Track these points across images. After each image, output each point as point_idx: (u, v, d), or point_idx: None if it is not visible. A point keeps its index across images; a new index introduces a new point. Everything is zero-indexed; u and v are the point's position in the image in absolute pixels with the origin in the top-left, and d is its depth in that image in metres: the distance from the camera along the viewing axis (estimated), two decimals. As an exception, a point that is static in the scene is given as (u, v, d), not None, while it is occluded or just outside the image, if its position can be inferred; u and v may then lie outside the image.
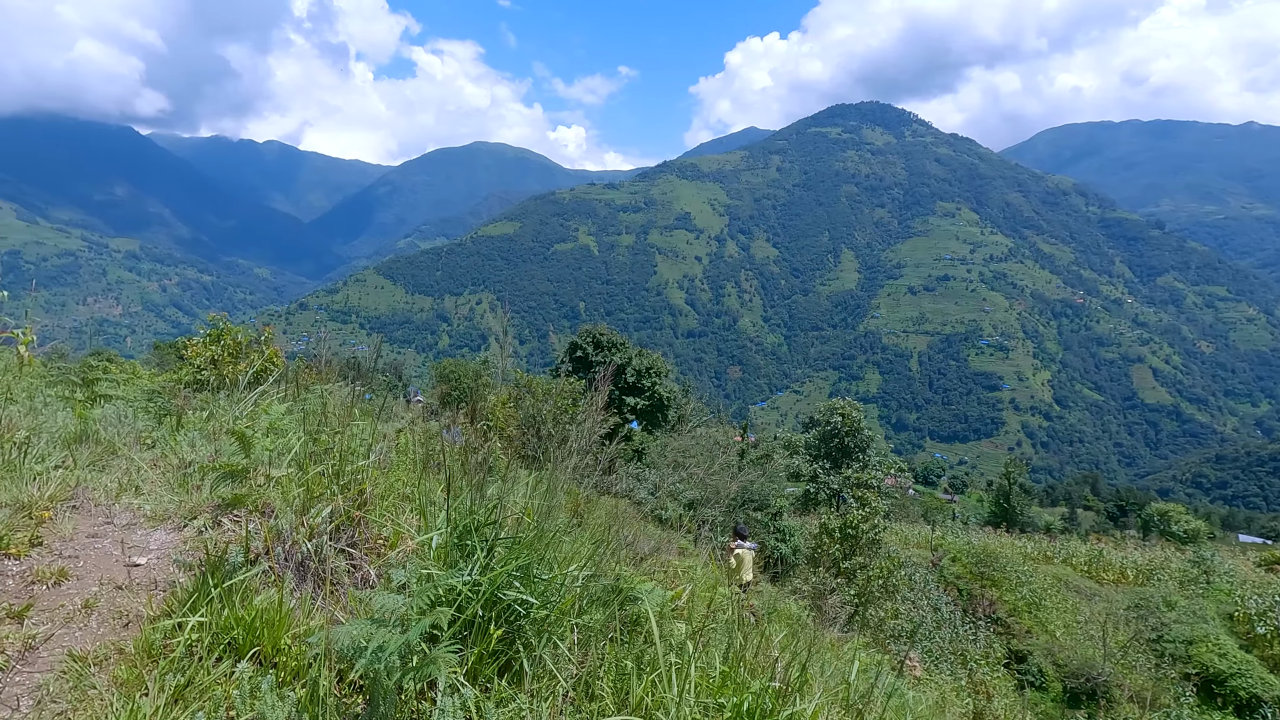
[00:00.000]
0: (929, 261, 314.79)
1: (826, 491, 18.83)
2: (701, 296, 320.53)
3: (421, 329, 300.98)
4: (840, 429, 19.33)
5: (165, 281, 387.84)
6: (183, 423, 4.45)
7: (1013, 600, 21.08)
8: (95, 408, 5.14)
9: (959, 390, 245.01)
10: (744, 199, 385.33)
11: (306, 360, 10.34)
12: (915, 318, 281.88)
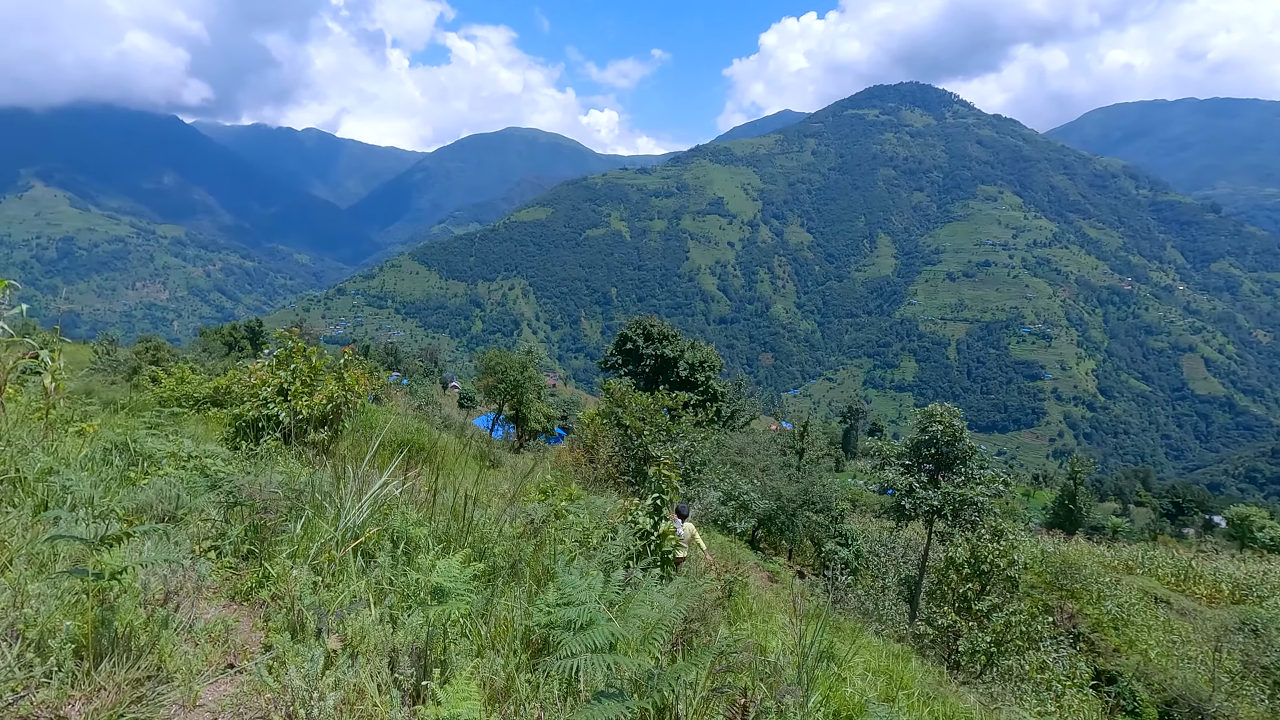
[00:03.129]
0: (969, 247, 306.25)
1: (926, 508, 17.66)
2: (734, 282, 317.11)
3: (455, 314, 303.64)
4: (939, 438, 18.07)
5: (210, 267, 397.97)
6: (269, 548, 3.45)
7: (1096, 615, 19.89)
8: (139, 477, 4.48)
9: (998, 379, 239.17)
10: (778, 183, 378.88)
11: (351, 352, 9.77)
12: (954, 304, 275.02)
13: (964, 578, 14.46)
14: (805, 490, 25.92)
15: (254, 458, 6.05)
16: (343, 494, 3.73)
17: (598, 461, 12.72)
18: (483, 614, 2.87)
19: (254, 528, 3.48)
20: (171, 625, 2.56)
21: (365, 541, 3.44)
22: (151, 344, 52.81)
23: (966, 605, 14.01)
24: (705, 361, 34.65)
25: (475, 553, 3.67)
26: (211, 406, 14.47)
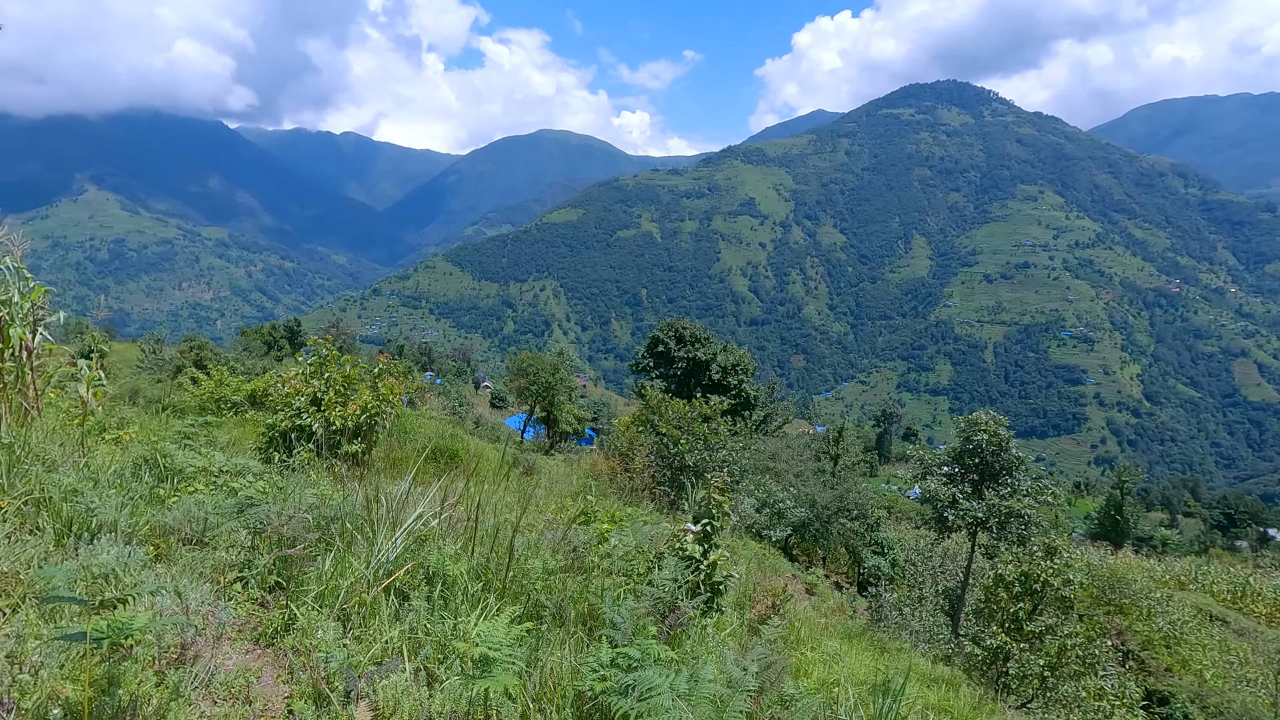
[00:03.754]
0: (1007, 248, 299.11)
1: (969, 520, 16.98)
2: (765, 284, 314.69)
3: (488, 314, 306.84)
4: (983, 447, 17.37)
5: (251, 268, 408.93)
6: (297, 581, 3.22)
7: (1146, 632, 18.99)
8: (168, 495, 4.30)
9: (1037, 383, 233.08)
10: (810, 184, 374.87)
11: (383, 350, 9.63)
12: (991, 307, 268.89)
13: (1014, 596, 13.78)
14: (840, 497, 25.29)
15: (286, 471, 5.88)
16: (375, 523, 3.48)
17: (633, 471, 12.42)
18: (527, 666, 2.58)
19: (282, 560, 3.24)
20: (186, 683, 2.31)
21: (398, 579, 3.17)
22: (195, 343, 54.31)
23: (1018, 626, 13.35)
24: (738, 365, 34.16)
25: (515, 590, 3.38)
26: (249, 409, 14.61)
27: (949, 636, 17.75)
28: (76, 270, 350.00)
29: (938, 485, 19.76)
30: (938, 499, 19.53)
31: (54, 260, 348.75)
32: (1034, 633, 12.91)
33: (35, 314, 6.43)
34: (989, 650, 13.14)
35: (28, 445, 4.41)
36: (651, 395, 15.28)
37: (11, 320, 6.07)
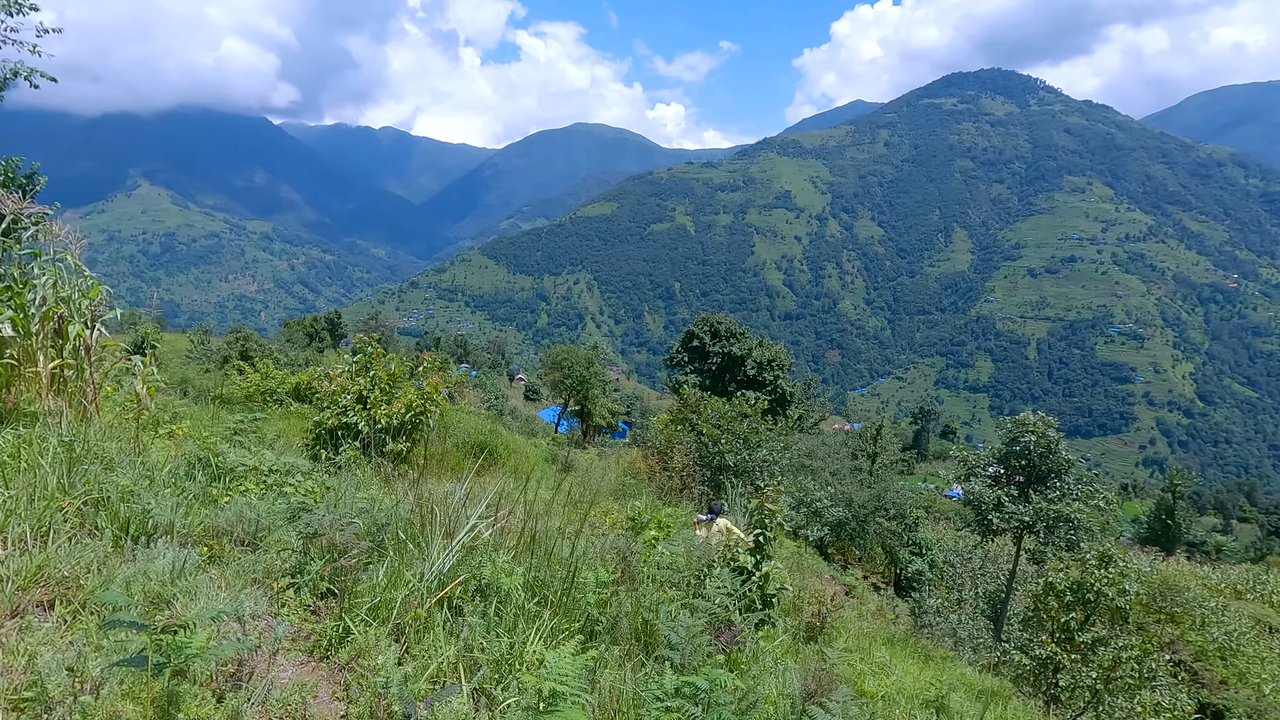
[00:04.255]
0: (1053, 241, 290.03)
1: (1015, 523, 16.48)
2: (800, 278, 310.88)
3: (522, 307, 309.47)
4: (1031, 449, 16.83)
5: (294, 261, 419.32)
6: (350, 592, 3.13)
7: (1200, 642, 18.22)
8: (220, 494, 4.32)
9: (1083, 381, 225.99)
10: (848, 176, 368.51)
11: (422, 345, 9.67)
12: (1035, 302, 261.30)
13: (1065, 605, 13.30)
14: (878, 496, 24.85)
15: (333, 470, 5.91)
16: (428, 533, 3.42)
17: (672, 470, 12.29)
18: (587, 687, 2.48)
19: (335, 570, 3.21)
20: (243, 704, 2.27)
21: (451, 592, 3.11)
22: (241, 334, 55.87)
23: (1068, 636, 12.88)
24: (774, 360, 33.74)
25: (569, 604, 3.29)
26: (294, 402, 14.91)
27: (991, 643, 17.28)
28: (130, 263, 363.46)
29: (982, 487, 19.20)
30: (982, 501, 18.98)
31: (109, 254, 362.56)
32: (1086, 644, 12.44)
33: (93, 311, 6.58)
34: (1038, 660, 12.72)
35: (87, 443, 4.47)
36: (690, 393, 15.12)
37: (71, 318, 6.20)
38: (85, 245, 7.09)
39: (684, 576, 4.39)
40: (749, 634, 3.72)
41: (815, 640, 6.49)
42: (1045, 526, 18.33)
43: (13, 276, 6.50)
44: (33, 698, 2.08)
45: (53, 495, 3.59)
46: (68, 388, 6.14)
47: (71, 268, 6.59)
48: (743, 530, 7.85)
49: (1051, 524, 18.15)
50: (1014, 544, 20.23)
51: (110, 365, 7.39)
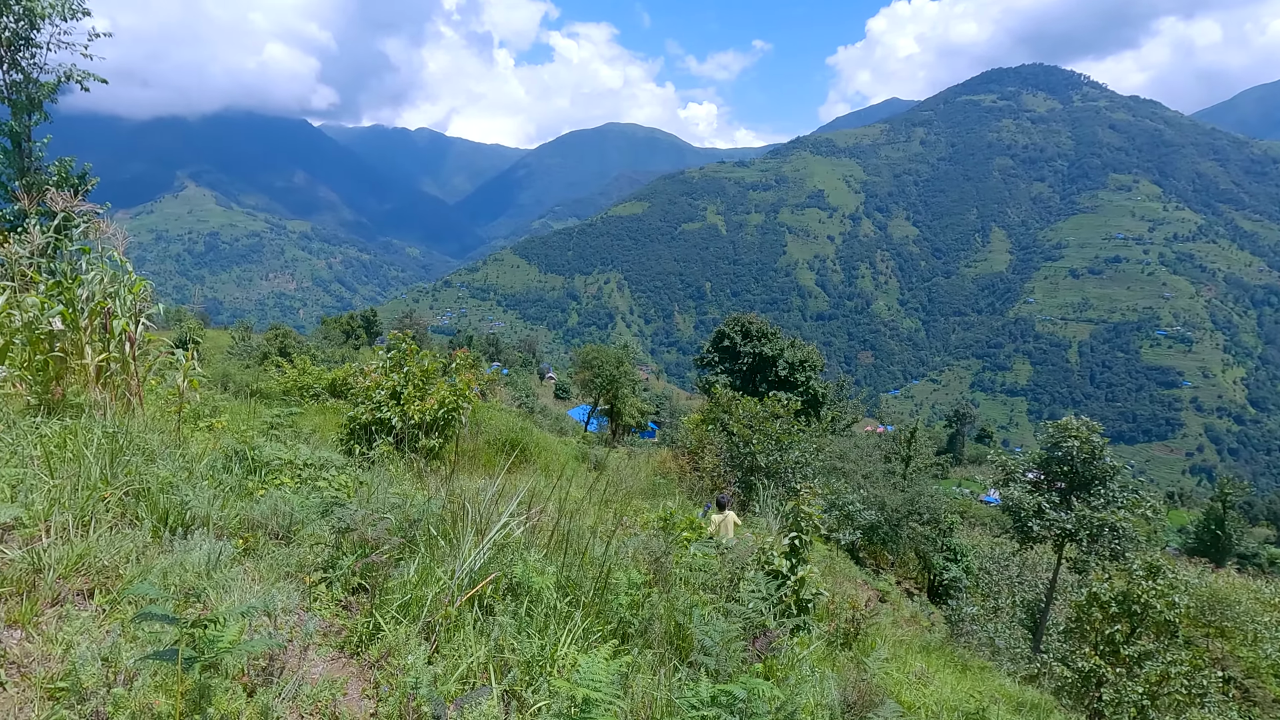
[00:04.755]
0: (1096, 241, 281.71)
1: (1057, 530, 16.01)
2: (833, 278, 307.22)
3: (553, 306, 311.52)
4: (1074, 454, 16.33)
5: (331, 260, 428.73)
6: (381, 588, 3.08)
7: (1252, 659, 17.43)
8: (256, 488, 4.37)
9: (1127, 386, 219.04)
10: (882, 175, 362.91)
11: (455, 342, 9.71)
12: (1077, 303, 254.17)
13: (1110, 617, 12.82)
14: (911, 500, 24.37)
15: (366, 464, 5.95)
16: (459, 529, 3.39)
17: (702, 470, 12.18)
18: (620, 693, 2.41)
19: (366, 566, 3.20)
20: (274, 699, 2.26)
21: (482, 590, 3.07)
22: (280, 331, 57.28)
23: (1113, 649, 12.42)
24: (806, 361, 33.34)
25: (600, 605, 3.23)
26: (329, 397, 15.18)
27: (1030, 654, 16.81)
28: (176, 261, 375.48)
29: (1021, 493, 18.69)
30: (1021, 507, 18.48)
31: (157, 252, 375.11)
32: (1131, 657, 11.98)
33: (138, 306, 6.73)
34: (1080, 673, 12.30)
35: (129, 435, 4.56)
36: (721, 393, 14.97)
37: (117, 313, 6.36)
38: (135, 244, 7.27)
39: (718, 579, 4.30)
40: (784, 640, 3.62)
41: (850, 647, 6.33)
42: (1088, 535, 17.75)
43: (64, 272, 6.69)
44: (68, 688, 2.09)
45: (95, 485, 3.66)
46: (113, 381, 6.29)
47: (118, 264, 6.75)
48: (776, 532, 7.73)
49: (1095, 532, 17.57)
50: (1054, 552, 19.64)
51: (154, 359, 7.57)
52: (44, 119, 12.74)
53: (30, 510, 3.17)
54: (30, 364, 6.00)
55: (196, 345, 33.65)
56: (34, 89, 12.34)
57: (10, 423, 4.62)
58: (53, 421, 4.78)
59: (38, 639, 2.43)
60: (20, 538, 3.03)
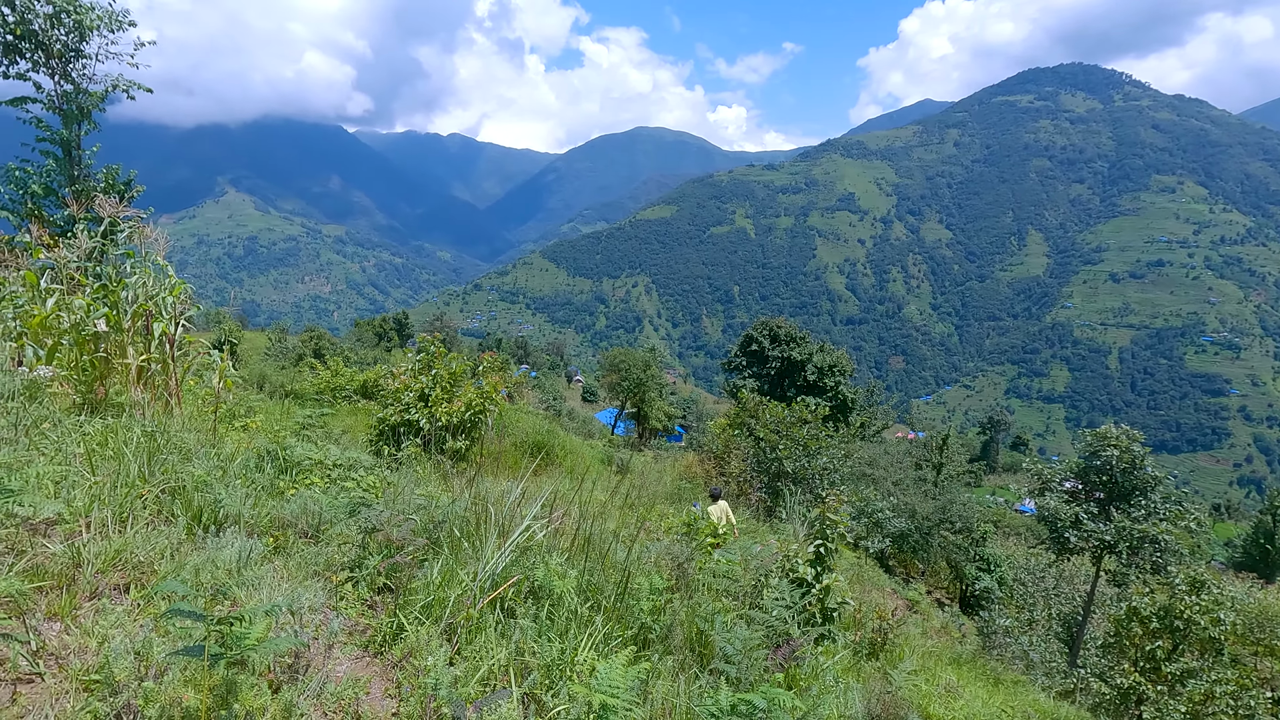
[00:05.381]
0: (1138, 244, 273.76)
1: (1095, 542, 15.58)
2: (863, 281, 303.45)
3: (581, 310, 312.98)
4: (1113, 464, 15.89)
5: (365, 263, 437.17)
6: (405, 589, 3.11)
7: (1306, 681, 16.73)
8: (287, 487, 4.47)
9: (1170, 393, 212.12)
10: (915, 177, 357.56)
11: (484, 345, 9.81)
12: (1117, 309, 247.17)
13: (1151, 633, 12.39)
14: (943, 508, 23.91)
15: (394, 465, 6.03)
16: (482, 532, 3.42)
17: (728, 474, 12.10)
18: (638, 698, 2.40)
19: (391, 566, 3.24)
20: (298, 697, 2.30)
21: (504, 593, 3.08)
22: (315, 333, 58.51)
23: (1154, 666, 12.00)
24: (835, 365, 32.95)
25: (622, 610, 3.22)
26: (361, 399, 15.46)
27: (1066, 668, 16.35)
28: (217, 265, 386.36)
29: (1058, 503, 18.21)
30: (1058, 518, 18.01)
31: (198, 256, 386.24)
32: (1174, 675, 11.55)
33: (177, 308, 6.94)
34: (1119, 690, 11.90)
35: (167, 434, 4.69)
36: (748, 397, 14.85)
37: (158, 315, 6.56)
38: (177, 248, 7.51)
39: (741, 586, 4.26)
40: (808, 649, 3.57)
41: (877, 657, 6.23)
42: (1128, 547, 17.22)
43: (109, 276, 6.93)
44: (101, 680, 2.15)
45: (134, 483, 3.77)
46: (153, 381, 6.49)
47: (160, 268, 6.97)
48: (802, 539, 7.65)
49: (1135, 545, 17.04)
50: (1093, 564, 19.10)
51: (192, 360, 7.80)
52: (93, 128, 13.20)
53: (71, 506, 3.28)
54: (76, 364, 6.22)
55: (234, 346, 34.65)
56: (84, 99, 12.80)
57: (56, 421, 4.78)
58: (95, 420, 4.94)
59: (75, 632, 2.51)
60: (62, 532, 3.13)
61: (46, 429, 4.51)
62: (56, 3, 11.83)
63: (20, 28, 11.62)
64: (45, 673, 2.27)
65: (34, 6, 11.64)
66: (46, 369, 5.98)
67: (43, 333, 6.46)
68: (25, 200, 12.17)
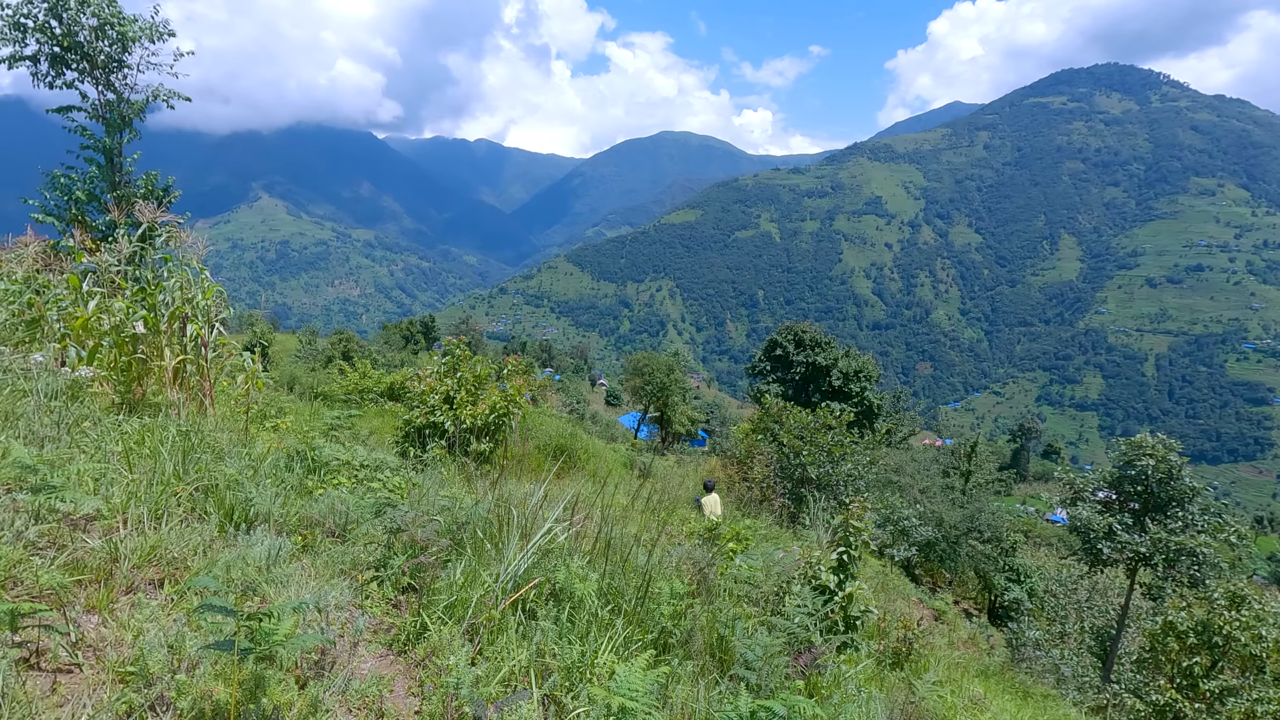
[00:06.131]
0: (1176, 248, 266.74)
1: (1129, 553, 15.21)
2: (890, 286, 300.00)
3: (605, 314, 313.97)
4: (1149, 474, 15.50)
5: (393, 267, 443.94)
6: (429, 589, 3.14)
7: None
8: (315, 487, 4.57)
9: (1210, 402, 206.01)
10: (943, 180, 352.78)
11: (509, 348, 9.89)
12: (1154, 314, 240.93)
13: (1188, 648, 12.03)
14: (971, 517, 23.49)
15: (420, 466, 6.11)
16: (505, 533, 3.46)
17: (752, 480, 12.04)
18: (657, 703, 2.40)
19: (415, 566, 3.29)
20: (324, 694, 2.35)
21: (525, 595, 3.11)
22: (344, 336, 59.52)
23: (1191, 683, 11.64)
24: (860, 371, 32.60)
25: (642, 614, 3.23)
26: (387, 401, 15.70)
27: (1099, 683, 15.94)
28: (250, 269, 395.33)
29: (1091, 513, 17.78)
30: (1090, 528, 17.58)
31: (233, 260, 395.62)
32: (1212, 693, 11.20)
33: (212, 311, 7.13)
34: (1154, 707, 11.57)
35: (201, 434, 4.82)
36: (772, 403, 14.75)
37: (194, 317, 6.74)
38: (212, 252, 7.71)
39: (762, 592, 4.24)
40: (830, 657, 3.53)
41: (901, 667, 6.14)
42: (1164, 560, 16.75)
43: (147, 279, 7.14)
44: (136, 672, 2.22)
45: (169, 480, 3.88)
46: (188, 381, 6.66)
47: (196, 272, 7.16)
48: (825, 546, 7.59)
49: (1172, 557, 16.57)
50: (1127, 576, 18.61)
51: (225, 361, 7.99)
52: (134, 136, 13.62)
53: (110, 502, 3.39)
54: (115, 365, 6.41)
55: (265, 349, 35.38)
56: (125, 107, 13.23)
57: (96, 420, 4.94)
58: (133, 419, 5.08)
59: (112, 624, 2.59)
60: (100, 528, 3.24)
61: (87, 427, 4.66)
62: (101, 15, 12.23)
63: (67, 39, 12.04)
64: (83, 663, 2.35)
65: (80, 20, 12.05)
66: (88, 369, 6.18)
67: (84, 334, 6.67)
68: (70, 206, 12.59)
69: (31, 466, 3.18)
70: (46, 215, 12.52)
